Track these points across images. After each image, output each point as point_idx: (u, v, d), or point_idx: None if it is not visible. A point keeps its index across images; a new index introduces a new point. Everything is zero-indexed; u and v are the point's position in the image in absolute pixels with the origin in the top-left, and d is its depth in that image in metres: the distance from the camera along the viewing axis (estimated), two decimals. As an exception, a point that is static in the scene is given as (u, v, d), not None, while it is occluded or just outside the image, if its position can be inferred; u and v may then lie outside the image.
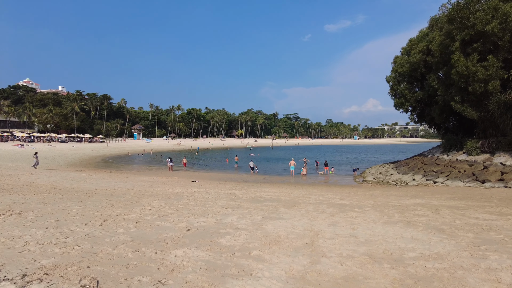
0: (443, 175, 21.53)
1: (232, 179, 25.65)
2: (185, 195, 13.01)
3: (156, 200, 11.11)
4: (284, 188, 18.07)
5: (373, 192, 15.96)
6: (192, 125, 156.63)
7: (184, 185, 17.97)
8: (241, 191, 15.34)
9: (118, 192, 13.48)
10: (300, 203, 11.00)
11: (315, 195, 14.07)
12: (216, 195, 13.31)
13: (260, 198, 12.46)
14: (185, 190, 14.78)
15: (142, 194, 13.12)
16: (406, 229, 7.19)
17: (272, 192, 14.84)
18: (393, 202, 11.85)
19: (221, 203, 10.75)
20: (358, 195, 14.56)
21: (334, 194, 14.43)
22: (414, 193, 15.61)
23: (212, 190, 15.37)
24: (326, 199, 12.39)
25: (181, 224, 7.31)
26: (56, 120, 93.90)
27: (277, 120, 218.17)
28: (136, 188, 15.25)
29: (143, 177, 23.92)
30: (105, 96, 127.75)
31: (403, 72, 29.59)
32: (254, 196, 13.12)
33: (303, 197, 13.15)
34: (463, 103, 21.59)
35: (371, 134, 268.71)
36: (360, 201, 11.88)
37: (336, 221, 7.96)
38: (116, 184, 16.98)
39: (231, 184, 19.76)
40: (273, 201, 11.45)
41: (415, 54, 27.77)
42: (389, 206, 10.72)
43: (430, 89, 26.93)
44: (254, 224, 7.44)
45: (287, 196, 13.45)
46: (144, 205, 9.88)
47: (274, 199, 12.24)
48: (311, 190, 16.55)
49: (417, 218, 8.37)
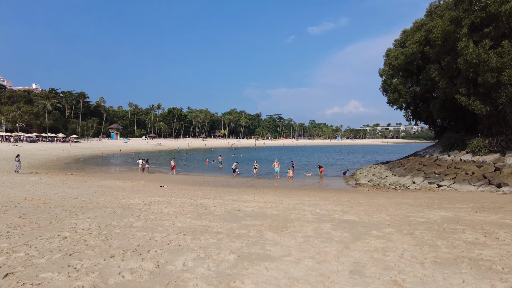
0: (448, 177, 19.03)
1: (210, 183, 22.40)
2: (137, 208, 9.74)
3: (89, 219, 7.82)
4: (270, 194, 15.01)
5: (377, 200, 13.11)
6: (173, 125, 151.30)
7: (146, 192, 14.63)
8: (216, 200, 12.18)
9: (51, 204, 10.08)
10: (293, 221, 7.96)
11: (310, 205, 11.08)
12: (180, 207, 10.10)
13: (239, 212, 9.34)
14: (142, 200, 11.49)
15: (81, 207, 9.78)
16: (481, 279, 4.26)
17: (255, 202, 11.74)
18: (414, 216, 8.99)
19: (181, 223, 7.56)
20: (361, 204, 11.68)
21: (333, 204, 11.48)
22: (426, 200, 12.86)
23: (179, 199, 12.12)
24: (325, 213, 9.41)
25: (85, 280, 4.06)
26: (25, 119, 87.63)
27: (260, 121, 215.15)
28: (80, 197, 11.84)
29: (104, 181, 20.37)
30: (81, 94, 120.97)
31: (398, 65, 27.12)
32: (231, 208, 9.99)
33: (294, 209, 10.13)
34: (469, 96, 19.16)
35: (353, 135, 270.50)
36: (371, 216, 8.95)
37: (359, 262, 4.93)
38: (60, 191, 13.48)
39: (206, 190, 16.54)
40: (255, 218, 8.35)
41: (411, 45, 25.35)
42: (414, 223, 7.84)
43: (428, 83, 24.55)
44: (220, 277, 4.29)
45: (274, 207, 10.40)
46: (63, 229, 6.61)
47: (257, 213, 9.16)
48: (302, 198, 13.56)
49: (475, 250, 5.49)
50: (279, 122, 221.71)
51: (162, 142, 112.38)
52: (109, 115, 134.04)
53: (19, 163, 24.06)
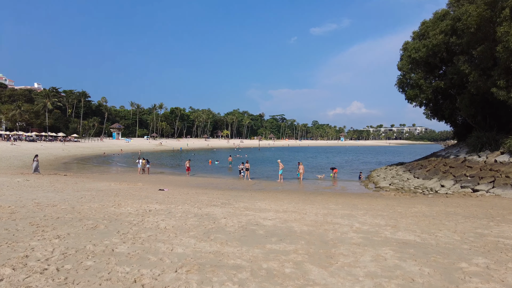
0: (485, 181, 16.82)
1: (215, 185, 20.29)
2: (127, 220, 7.64)
3: (58, 239, 5.73)
4: (286, 201, 12.87)
5: (417, 208, 10.93)
6: (175, 124, 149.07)
7: (143, 197, 12.53)
8: (225, 208, 10.06)
9: (19, 214, 7.99)
10: (336, 244, 5.82)
11: (342, 216, 8.94)
12: (182, 219, 8.00)
13: (257, 227, 7.23)
14: (135, 208, 9.40)
15: (56, 218, 7.70)
16: None
17: (273, 211, 9.61)
18: (488, 234, 6.83)
19: (182, 247, 5.42)
20: (403, 215, 9.53)
21: (369, 215, 9.33)
22: (476, 209, 10.65)
23: (180, 207, 10.01)
24: (369, 228, 7.28)
25: None
26: (25, 118, 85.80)
27: (263, 121, 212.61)
28: (61, 204, 9.75)
29: (98, 182, 18.32)
30: (83, 93, 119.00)
31: (419, 58, 24.89)
32: (246, 221, 7.87)
33: (326, 222, 8.01)
34: (509, 89, 16.96)
35: (357, 136, 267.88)
36: (431, 233, 6.80)
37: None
38: (39, 196, 11.41)
39: (211, 194, 14.42)
40: (282, 238, 6.21)
41: (436, 35, 23.11)
42: (502, 248, 5.71)
43: (454, 76, 22.31)
44: None
45: (300, 220, 8.26)
46: (7, 261, 4.52)
47: (282, 230, 7.03)
48: (327, 206, 11.41)
49: None
50: (282, 122, 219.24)
51: (164, 142, 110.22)
52: (110, 114, 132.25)
53: (37, 163, 22.57)
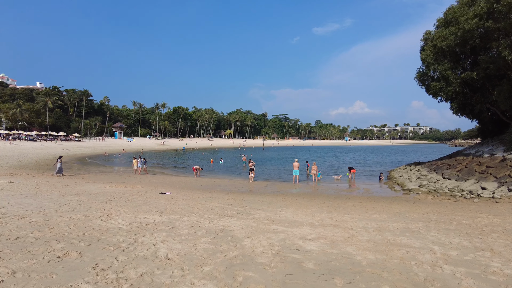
0: (538, 183, 14.52)
1: (223, 187, 18.03)
2: (114, 242, 5.42)
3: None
4: (314, 208, 10.61)
5: (488, 220, 8.61)
6: (178, 124, 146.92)
7: (141, 203, 10.32)
8: (244, 220, 7.83)
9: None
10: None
11: (401, 232, 6.68)
12: (190, 240, 5.77)
13: (299, 255, 5.00)
14: (129, 222, 7.18)
15: (14, 239, 5.52)
16: None
17: (308, 225, 7.36)
18: None
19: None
20: (473, 227, 7.26)
21: (435, 230, 7.05)
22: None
23: (186, 218, 7.79)
24: (461, 256, 5.02)
25: None
26: (26, 117, 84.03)
27: (266, 121, 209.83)
28: (34, 215, 7.57)
29: (92, 184, 16.16)
30: (85, 92, 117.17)
31: (446, 47, 22.55)
32: (281, 245, 5.62)
33: (392, 245, 5.76)
34: None
35: (361, 135, 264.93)
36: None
37: None
38: (12, 203, 9.21)
39: (221, 199, 12.18)
40: (351, 282, 4.00)
41: (468, 19, 20.72)
42: None
43: (489, 66, 19.98)
44: None
45: (353, 240, 6.01)
46: None
47: (338, 260, 4.79)
48: (367, 215, 9.15)
49: None
50: (285, 122, 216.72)
51: (166, 141, 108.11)
52: (113, 113, 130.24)
53: (60, 164, 21.29)
